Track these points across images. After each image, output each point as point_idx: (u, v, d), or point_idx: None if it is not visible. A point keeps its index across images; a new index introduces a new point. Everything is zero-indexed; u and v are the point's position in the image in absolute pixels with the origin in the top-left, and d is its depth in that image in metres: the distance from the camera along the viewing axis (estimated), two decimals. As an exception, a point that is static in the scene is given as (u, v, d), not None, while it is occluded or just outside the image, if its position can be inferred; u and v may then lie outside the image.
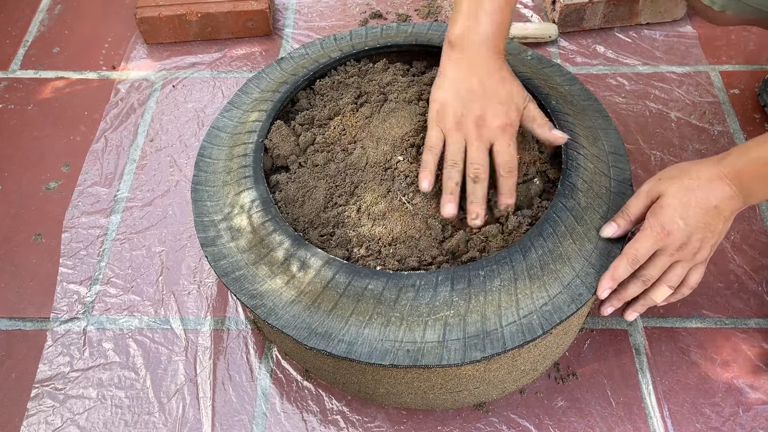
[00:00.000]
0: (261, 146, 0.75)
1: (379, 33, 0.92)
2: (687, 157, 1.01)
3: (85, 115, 1.09)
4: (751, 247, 0.91)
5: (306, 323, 0.64)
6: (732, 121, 1.05)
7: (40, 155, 1.04)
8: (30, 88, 1.13)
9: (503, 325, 0.62)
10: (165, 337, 0.84)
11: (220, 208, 0.73)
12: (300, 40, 1.19)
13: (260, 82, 0.87)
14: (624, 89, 1.10)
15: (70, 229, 0.95)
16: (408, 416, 0.78)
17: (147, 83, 1.13)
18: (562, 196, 0.68)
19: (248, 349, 0.83)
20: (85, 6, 1.27)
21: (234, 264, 0.69)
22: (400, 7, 1.25)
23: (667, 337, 0.83)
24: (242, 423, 0.77)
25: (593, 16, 1.16)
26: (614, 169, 0.75)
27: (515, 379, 0.74)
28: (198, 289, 0.89)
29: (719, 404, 0.78)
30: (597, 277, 0.65)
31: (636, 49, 1.16)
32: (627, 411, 0.78)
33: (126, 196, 0.99)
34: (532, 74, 0.83)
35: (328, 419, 0.78)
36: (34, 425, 0.78)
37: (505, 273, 0.64)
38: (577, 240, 0.67)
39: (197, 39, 1.19)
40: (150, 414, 0.78)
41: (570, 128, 0.75)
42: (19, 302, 0.88)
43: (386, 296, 0.63)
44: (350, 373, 0.70)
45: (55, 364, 0.83)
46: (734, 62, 1.14)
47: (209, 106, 1.10)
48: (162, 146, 1.05)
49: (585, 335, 0.83)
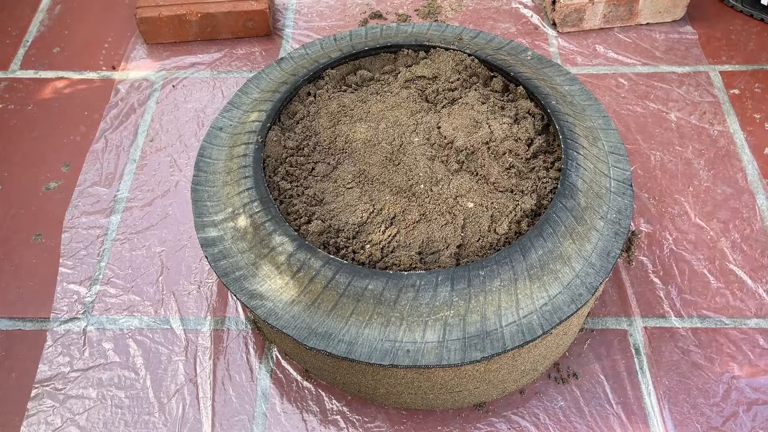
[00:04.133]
0: (261, 146, 0.75)
1: (379, 33, 0.92)
2: (687, 157, 1.01)
3: (85, 115, 1.09)
4: (751, 247, 0.91)
5: (306, 323, 0.64)
6: (732, 121, 1.05)
7: (40, 155, 1.04)
8: (30, 88, 1.13)
9: (503, 325, 0.62)
10: (165, 337, 0.84)
11: (220, 209, 0.73)
12: (300, 40, 1.19)
13: (260, 82, 0.87)
14: (624, 89, 1.10)
15: (70, 229, 0.95)
16: (408, 416, 0.78)
17: (147, 83, 1.13)
18: (562, 196, 0.68)
19: (248, 349, 0.83)
20: (85, 6, 1.27)
21: (234, 264, 0.69)
22: (400, 7, 1.25)
23: (667, 337, 0.83)
24: (242, 423, 0.77)
25: (593, 16, 1.16)
26: (614, 169, 0.75)
27: (515, 379, 0.74)
28: (198, 289, 0.89)
29: (719, 404, 0.78)
30: (597, 277, 0.65)
31: (636, 49, 1.16)
32: (627, 411, 0.78)
33: (126, 196, 0.99)
34: (532, 74, 0.83)
35: (328, 419, 0.78)
36: (34, 425, 0.78)
37: (505, 273, 0.64)
38: (577, 240, 0.67)
39: (197, 39, 1.19)
40: (150, 414, 0.78)
41: (570, 128, 0.75)
42: (19, 302, 0.88)
43: (386, 296, 0.63)
44: (350, 373, 0.70)
45: (55, 364, 0.83)
46: (734, 62, 1.14)
47: (209, 106, 1.10)
48: (162, 146, 1.05)
49: (585, 335, 0.83)
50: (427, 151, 0.76)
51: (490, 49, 0.87)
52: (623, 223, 0.70)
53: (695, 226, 0.93)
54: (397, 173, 0.74)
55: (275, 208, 0.69)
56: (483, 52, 0.85)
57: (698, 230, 0.93)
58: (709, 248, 0.91)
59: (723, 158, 1.01)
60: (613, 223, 0.70)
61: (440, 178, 0.73)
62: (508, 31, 1.20)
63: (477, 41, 0.90)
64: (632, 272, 0.89)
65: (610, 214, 0.70)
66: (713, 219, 0.94)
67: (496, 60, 0.83)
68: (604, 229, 0.69)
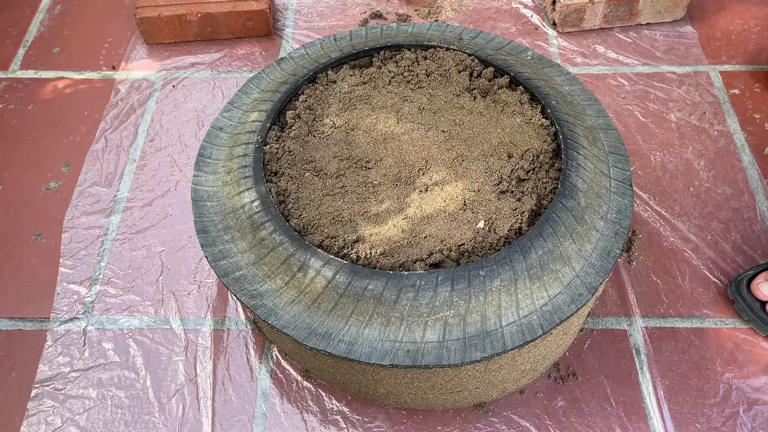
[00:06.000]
0: (261, 146, 0.75)
1: (379, 33, 0.92)
2: (687, 158, 1.01)
3: (85, 115, 1.09)
4: (751, 247, 0.91)
5: (306, 323, 0.64)
6: (732, 121, 1.05)
7: (40, 155, 1.04)
8: (30, 88, 1.13)
9: (503, 325, 0.62)
10: (165, 337, 0.84)
11: (220, 209, 0.73)
12: (300, 40, 1.19)
13: (260, 82, 0.87)
14: (624, 89, 1.10)
15: (70, 229, 0.95)
16: (408, 416, 0.78)
17: (147, 83, 1.13)
18: (562, 196, 0.68)
19: (248, 349, 0.83)
20: (85, 6, 1.27)
21: (234, 264, 0.69)
22: (400, 7, 1.25)
23: (667, 337, 0.83)
24: (242, 423, 0.77)
25: (593, 16, 1.16)
26: (614, 169, 0.75)
27: (515, 379, 0.74)
28: (198, 289, 0.89)
29: (719, 404, 0.78)
30: (597, 277, 0.65)
31: (636, 49, 1.16)
32: (627, 411, 0.77)
33: (126, 196, 0.99)
34: (532, 74, 0.83)
35: (328, 419, 0.78)
36: (34, 425, 0.78)
37: (505, 273, 0.64)
38: (577, 240, 0.67)
39: (197, 39, 1.19)
40: (150, 414, 0.78)
41: (570, 128, 0.75)
42: (19, 302, 0.88)
43: (386, 296, 0.63)
44: (350, 373, 0.70)
45: (55, 364, 0.83)
46: (734, 62, 1.14)
47: (209, 106, 1.10)
48: (162, 146, 1.05)
49: (585, 335, 0.83)
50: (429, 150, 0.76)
51: (490, 49, 0.87)
52: (623, 223, 0.70)
53: (695, 227, 0.93)
54: (399, 172, 0.74)
55: (275, 208, 0.69)
56: (483, 52, 0.85)
57: (698, 230, 0.93)
58: (709, 248, 0.91)
59: (723, 158, 1.01)
60: (614, 223, 0.70)
61: (442, 178, 0.73)
62: (509, 31, 1.20)
63: (477, 41, 0.90)
64: (632, 272, 0.89)
65: (610, 214, 0.70)
66: (713, 219, 0.94)
67: (497, 60, 0.83)
68: (605, 229, 0.69)
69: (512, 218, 0.69)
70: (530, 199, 0.71)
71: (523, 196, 0.71)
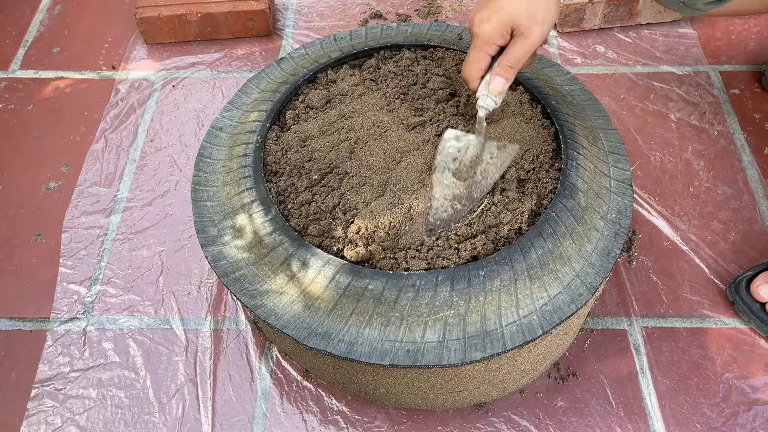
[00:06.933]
0: (261, 146, 0.75)
1: (379, 33, 0.92)
2: (687, 158, 1.01)
3: (85, 115, 1.09)
4: (751, 248, 0.91)
5: (306, 323, 0.64)
6: (732, 121, 1.05)
7: (40, 155, 1.04)
8: (30, 88, 1.13)
9: (503, 325, 0.62)
10: (165, 337, 0.84)
11: (220, 209, 0.73)
12: (300, 40, 1.19)
13: (260, 82, 0.87)
14: (624, 89, 1.10)
15: (70, 229, 0.95)
16: (408, 416, 0.78)
17: (147, 83, 1.13)
18: (562, 196, 0.68)
19: (248, 349, 0.83)
20: (85, 6, 1.27)
21: (234, 264, 0.69)
22: (400, 7, 1.25)
23: (667, 337, 0.83)
24: (242, 423, 0.77)
25: (593, 16, 1.16)
26: (614, 169, 0.75)
27: (515, 379, 0.74)
28: (198, 289, 0.89)
29: (719, 404, 0.78)
30: (597, 277, 0.65)
31: (636, 49, 1.16)
32: (627, 411, 0.78)
33: (126, 196, 0.99)
34: (532, 74, 0.83)
35: (328, 419, 0.78)
36: (34, 425, 0.78)
37: (505, 273, 0.64)
38: (577, 240, 0.67)
39: (197, 39, 1.19)
40: (150, 414, 0.78)
41: (570, 128, 0.75)
42: (19, 302, 0.88)
43: (386, 296, 0.63)
44: (350, 373, 0.70)
45: (55, 364, 0.83)
46: (734, 62, 1.14)
47: (209, 106, 1.10)
48: (162, 146, 1.05)
49: (585, 335, 0.83)
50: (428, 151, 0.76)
51: (490, 49, 0.87)
52: (623, 223, 0.70)
53: (695, 227, 0.93)
54: (397, 173, 0.74)
55: (275, 208, 0.69)
56: (483, 52, 0.85)
57: (698, 231, 0.93)
58: (709, 248, 0.91)
59: (723, 159, 1.01)
60: (613, 223, 0.70)
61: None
62: (508, 31, 1.20)
63: (477, 41, 0.90)
64: (632, 272, 0.89)
65: (610, 214, 0.70)
66: (713, 219, 0.94)
67: (496, 60, 0.83)
68: (604, 229, 0.69)
69: (512, 218, 0.69)
70: (530, 199, 0.71)
71: (523, 196, 0.71)
